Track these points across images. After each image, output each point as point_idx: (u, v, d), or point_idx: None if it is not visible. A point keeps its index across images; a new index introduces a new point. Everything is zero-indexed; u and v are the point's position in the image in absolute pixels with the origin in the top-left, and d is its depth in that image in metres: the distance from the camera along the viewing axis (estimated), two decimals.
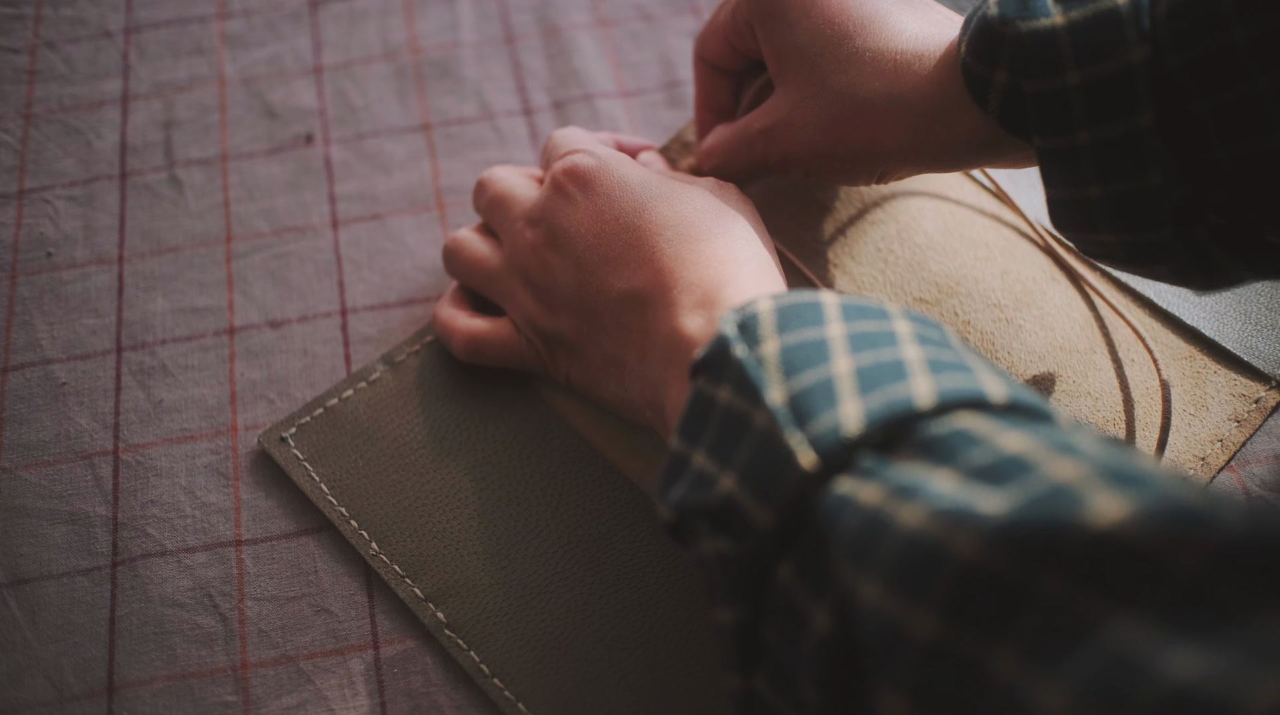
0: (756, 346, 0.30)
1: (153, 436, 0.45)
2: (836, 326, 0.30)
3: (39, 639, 0.40)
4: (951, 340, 0.31)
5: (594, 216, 0.39)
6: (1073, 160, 0.34)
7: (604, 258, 0.38)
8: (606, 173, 0.40)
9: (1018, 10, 0.34)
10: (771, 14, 0.40)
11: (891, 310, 0.31)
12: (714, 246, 0.37)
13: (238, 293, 0.49)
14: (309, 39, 0.57)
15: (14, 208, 0.52)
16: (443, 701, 0.39)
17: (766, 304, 0.31)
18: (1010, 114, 0.35)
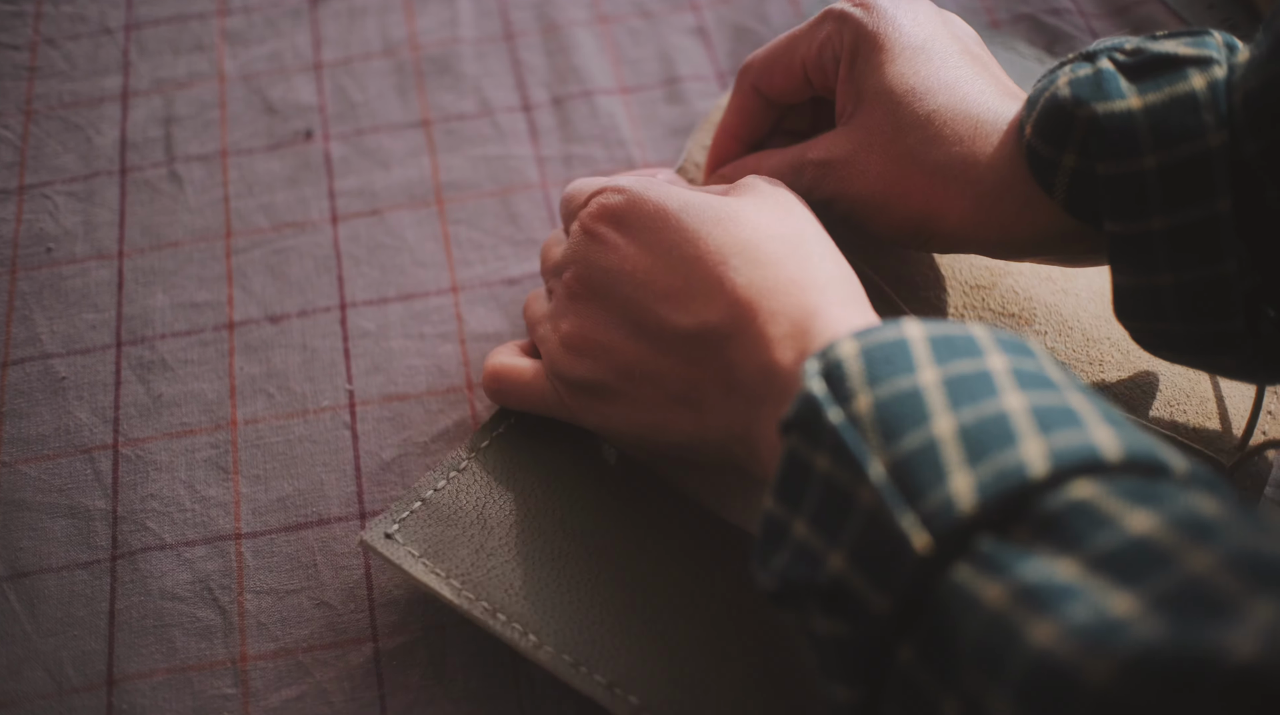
0: (849, 402, 0.28)
1: (152, 431, 0.45)
2: (929, 372, 0.28)
3: (39, 632, 0.40)
4: (1048, 371, 0.28)
5: (639, 253, 0.36)
6: (1145, 246, 0.33)
7: (661, 294, 0.35)
8: (641, 202, 0.37)
9: (1092, 92, 0.33)
10: (862, 52, 0.39)
11: (981, 340, 0.29)
12: (789, 269, 0.34)
13: (237, 288, 0.49)
14: (309, 35, 0.57)
15: (14, 203, 0.52)
16: (441, 695, 0.39)
17: (850, 348, 0.29)
18: (1077, 199, 0.34)
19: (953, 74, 0.38)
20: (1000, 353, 0.28)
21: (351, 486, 0.43)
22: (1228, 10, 0.54)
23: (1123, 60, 0.34)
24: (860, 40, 0.39)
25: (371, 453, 0.44)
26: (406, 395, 0.46)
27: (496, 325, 0.48)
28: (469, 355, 0.47)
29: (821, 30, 0.40)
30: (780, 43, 0.42)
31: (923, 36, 0.39)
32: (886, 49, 0.38)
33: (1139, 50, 0.34)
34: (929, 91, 0.37)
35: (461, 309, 0.48)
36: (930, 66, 0.38)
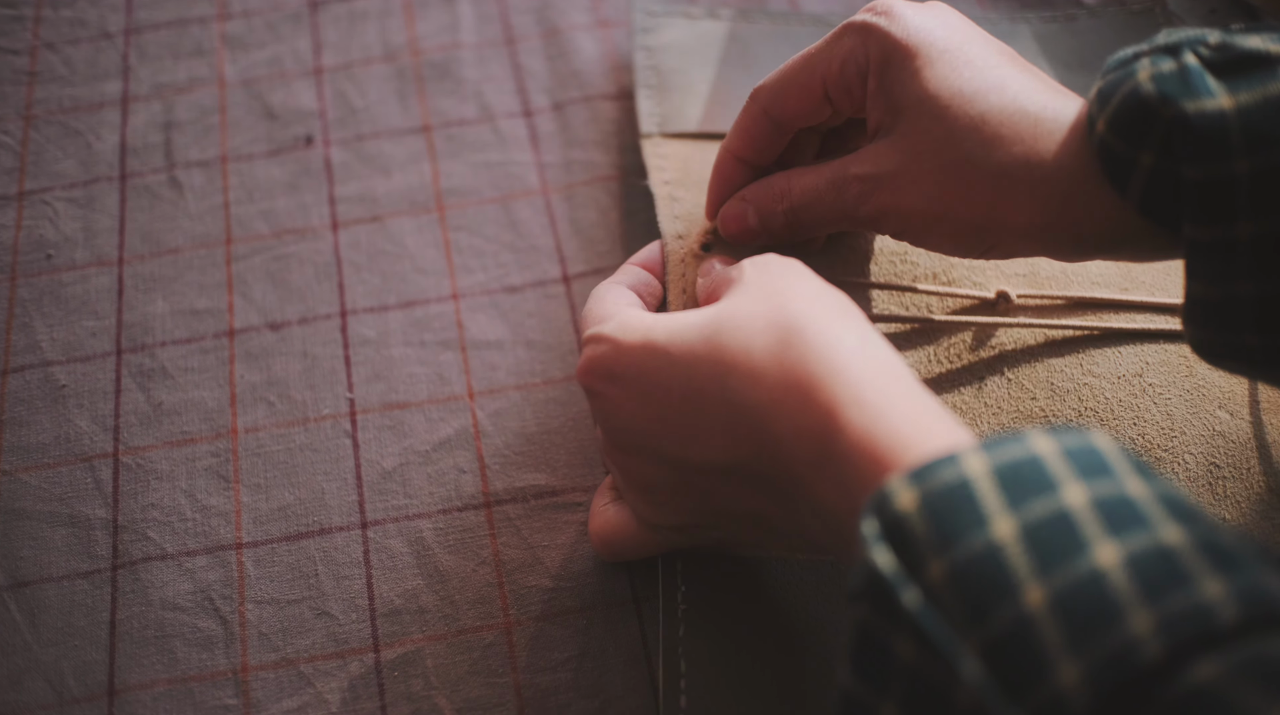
0: (921, 572, 0.25)
1: (153, 439, 0.45)
2: (1003, 523, 0.25)
3: (39, 642, 0.40)
4: (1129, 488, 0.26)
5: (642, 404, 0.34)
6: (1227, 254, 0.31)
7: (681, 438, 0.33)
8: (626, 350, 0.34)
9: (1179, 89, 0.31)
10: (893, 61, 0.37)
11: (1049, 461, 0.26)
12: (793, 370, 0.31)
13: (237, 295, 0.49)
14: (309, 40, 0.57)
15: (14, 209, 0.51)
16: (443, 704, 0.39)
17: (909, 499, 0.26)
18: (1153, 200, 0.33)
19: (997, 74, 0.36)
20: (1075, 481, 0.26)
21: (352, 495, 0.43)
22: (1230, 15, 0.54)
23: (1209, 56, 0.32)
24: (890, 50, 0.37)
25: (372, 461, 0.44)
26: (407, 403, 0.46)
27: (498, 332, 0.47)
28: (470, 363, 0.47)
29: (842, 45, 0.38)
30: (794, 63, 0.39)
31: (957, 39, 0.37)
32: (921, 55, 0.36)
33: (1225, 46, 0.32)
34: (978, 93, 0.35)
35: (462, 316, 0.48)
36: (973, 68, 0.36)
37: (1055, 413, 0.42)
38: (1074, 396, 0.42)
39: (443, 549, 0.42)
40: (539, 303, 0.48)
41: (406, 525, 0.43)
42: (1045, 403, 0.42)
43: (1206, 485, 0.40)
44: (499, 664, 0.39)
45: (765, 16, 0.55)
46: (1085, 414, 0.42)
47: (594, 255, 0.50)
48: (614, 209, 0.51)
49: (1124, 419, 0.41)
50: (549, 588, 0.41)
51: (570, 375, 0.46)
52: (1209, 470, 0.41)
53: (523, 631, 0.40)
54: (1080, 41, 0.55)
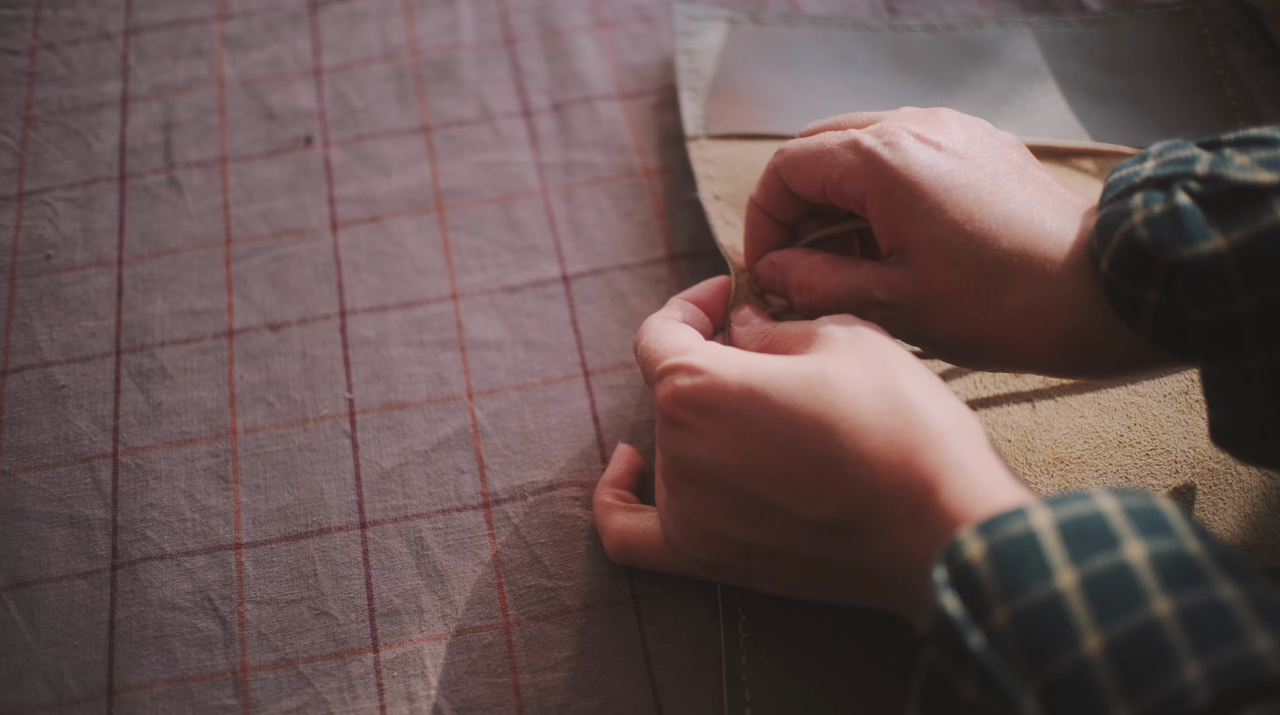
0: (986, 617, 0.26)
1: (152, 439, 0.45)
2: (1066, 574, 0.26)
3: (38, 642, 0.40)
4: (1187, 546, 0.26)
5: (733, 440, 0.33)
6: (1245, 384, 0.31)
7: (769, 482, 0.33)
8: (723, 386, 0.34)
9: (1172, 234, 0.31)
10: (895, 195, 0.36)
11: (1113, 519, 0.27)
12: (895, 431, 0.32)
13: (237, 295, 0.49)
14: (308, 41, 0.57)
15: (13, 210, 0.52)
16: (442, 704, 0.39)
17: (977, 549, 0.27)
18: (1164, 332, 0.33)
19: (1009, 206, 0.35)
20: (1136, 538, 0.26)
21: (352, 495, 0.43)
22: (1230, 15, 0.54)
23: (1198, 192, 0.32)
24: (891, 184, 0.36)
25: (371, 461, 0.44)
26: (406, 403, 0.46)
27: (497, 333, 0.47)
28: (469, 363, 0.47)
29: (845, 158, 0.38)
30: (811, 145, 0.39)
31: (964, 171, 0.36)
32: (930, 196, 0.36)
33: (1214, 177, 0.32)
34: (991, 234, 0.35)
35: (462, 316, 0.48)
36: (983, 205, 0.35)
37: (1105, 429, 0.42)
38: (1121, 413, 0.42)
39: (442, 549, 0.42)
40: (538, 303, 0.48)
41: (405, 525, 0.43)
42: (1095, 420, 0.42)
43: (1262, 495, 0.40)
44: (498, 664, 0.39)
45: (807, 21, 0.55)
46: (1134, 429, 0.42)
47: (593, 256, 0.50)
48: (613, 210, 0.51)
49: (1174, 433, 0.42)
50: (548, 587, 0.41)
51: (570, 375, 0.46)
52: (1262, 481, 0.41)
53: (522, 631, 0.40)
54: (1123, 44, 0.54)
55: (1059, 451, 0.41)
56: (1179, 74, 0.53)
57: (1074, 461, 0.41)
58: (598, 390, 0.46)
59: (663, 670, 0.39)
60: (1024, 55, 0.54)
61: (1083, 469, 0.41)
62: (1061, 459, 0.41)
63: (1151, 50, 0.54)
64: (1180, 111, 0.52)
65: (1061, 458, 0.41)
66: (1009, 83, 0.53)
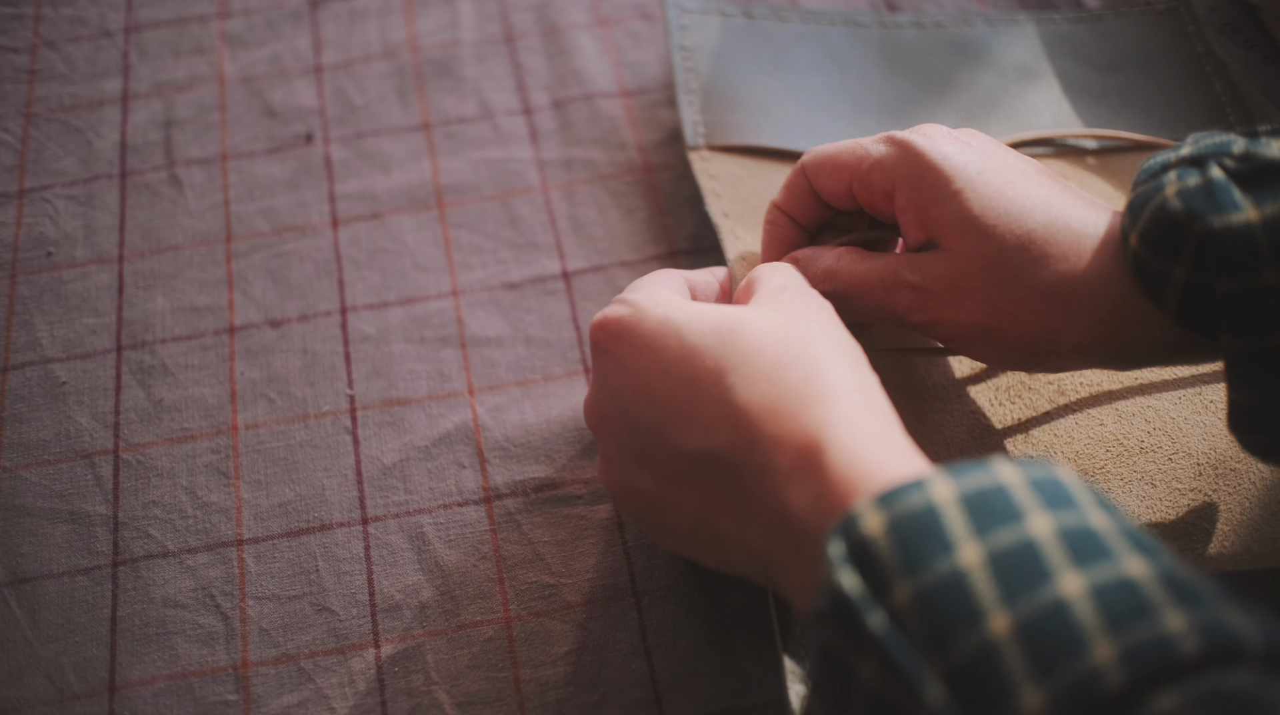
0: (886, 594, 0.25)
1: (153, 436, 0.45)
2: (970, 549, 0.25)
3: (40, 638, 0.40)
4: (1091, 520, 0.26)
5: (640, 370, 0.34)
6: (1267, 362, 0.31)
7: (664, 416, 0.33)
8: (641, 318, 0.35)
9: (1205, 204, 0.31)
10: (926, 179, 0.37)
11: (1016, 491, 0.26)
12: (791, 381, 0.32)
13: (237, 292, 0.49)
14: (309, 38, 0.57)
15: (14, 207, 0.52)
16: (443, 699, 0.39)
17: (876, 523, 0.26)
18: (1190, 312, 0.33)
19: (1039, 191, 0.36)
20: (1041, 511, 0.26)
21: (353, 491, 0.43)
22: (1229, 13, 0.54)
23: (1234, 168, 0.32)
24: (923, 170, 0.37)
25: (372, 457, 0.44)
26: (407, 399, 0.46)
27: (497, 329, 0.47)
28: (470, 359, 0.47)
29: (876, 150, 0.38)
30: (840, 146, 0.40)
31: (995, 161, 0.37)
32: (958, 176, 0.36)
33: (1250, 155, 0.32)
34: (1023, 212, 0.35)
35: (462, 313, 0.48)
36: (1015, 188, 0.36)
37: (1126, 436, 0.42)
38: (1140, 418, 0.42)
39: (443, 544, 0.42)
40: (538, 299, 0.48)
41: (407, 521, 0.43)
42: (1114, 427, 0.42)
43: None
44: (499, 658, 0.40)
45: (797, 14, 0.55)
46: (1155, 433, 0.42)
47: (593, 252, 0.50)
48: (613, 206, 0.51)
49: (1193, 436, 0.42)
50: (549, 583, 0.41)
51: (571, 371, 0.46)
52: None
53: (522, 626, 0.40)
54: (1109, 43, 0.54)
55: (1083, 463, 0.42)
56: (1168, 70, 0.53)
57: (1098, 472, 0.41)
58: None
59: (663, 664, 0.39)
60: (1013, 53, 0.54)
61: (1108, 478, 0.41)
62: (1086, 471, 0.41)
63: (1139, 48, 0.54)
64: (1171, 108, 0.52)
65: (1086, 470, 0.41)
66: (1000, 82, 0.53)
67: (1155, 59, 0.54)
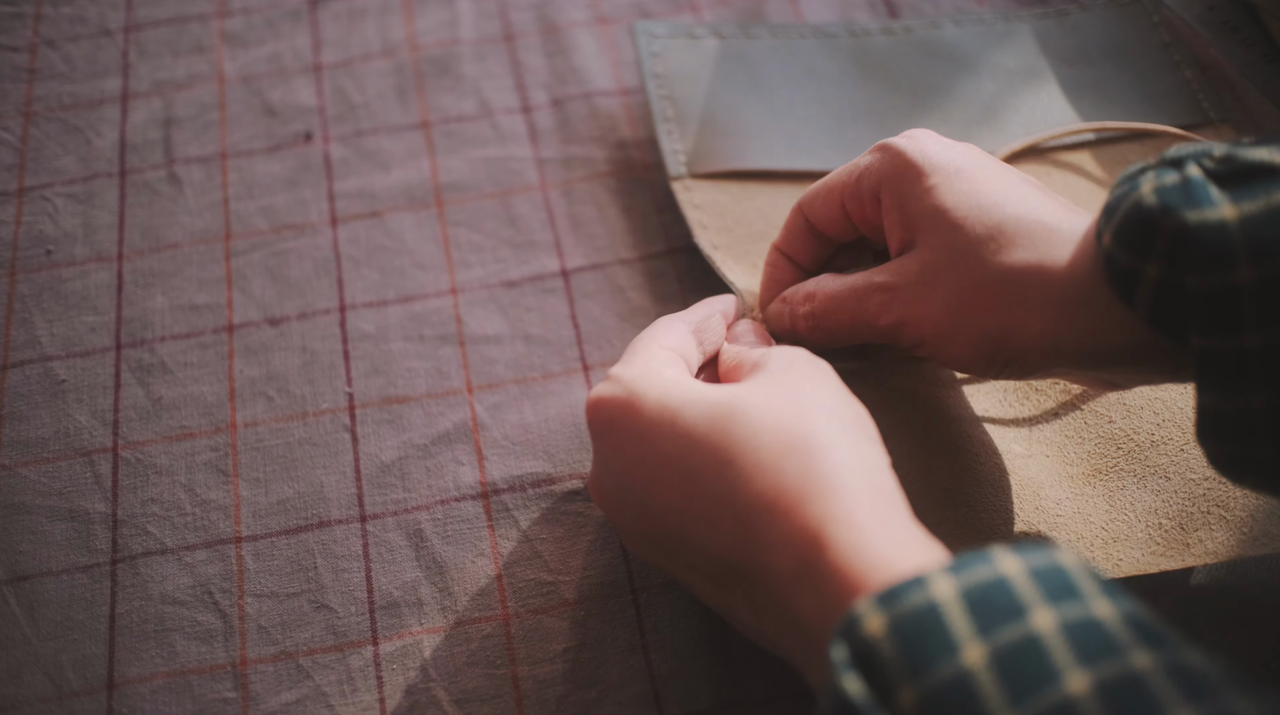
0: (891, 699, 0.25)
1: (152, 433, 0.45)
2: (974, 650, 0.25)
3: (38, 635, 0.40)
4: (1095, 610, 0.25)
5: (638, 460, 0.34)
6: (1237, 365, 0.31)
7: (667, 510, 0.33)
8: (634, 402, 0.34)
9: (1181, 200, 0.31)
10: (906, 177, 0.37)
11: (1018, 584, 0.26)
12: (790, 474, 0.31)
13: (237, 290, 0.49)
14: (308, 37, 0.57)
15: (13, 205, 0.52)
16: (441, 696, 0.39)
17: (878, 624, 0.26)
18: (1161, 313, 0.32)
19: (1014, 189, 0.36)
20: (1044, 605, 0.25)
21: (351, 489, 0.43)
22: (1229, 12, 0.54)
23: (1212, 168, 0.32)
24: (902, 167, 0.37)
25: (371, 455, 0.44)
26: (406, 397, 0.46)
27: (496, 327, 0.47)
28: (469, 357, 0.47)
29: (864, 161, 0.39)
30: (832, 174, 0.41)
31: (972, 160, 0.37)
32: (936, 173, 0.37)
33: (1230, 158, 0.32)
34: (994, 205, 0.36)
35: (461, 311, 0.48)
36: (990, 184, 0.36)
37: (1136, 430, 0.42)
38: (1148, 411, 0.43)
39: (441, 541, 0.42)
40: (538, 298, 0.48)
41: (405, 518, 0.43)
42: (1123, 423, 0.43)
43: None
44: (497, 655, 0.40)
45: (766, 30, 0.55)
46: (1164, 426, 0.42)
47: (592, 250, 0.50)
48: (612, 204, 0.51)
49: None
50: (547, 581, 0.41)
51: (569, 369, 0.46)
52: None
53: (520, 623, 0.40)
54: (1077, 37, 0.55)
55: (1095, 462, 0.42)
56: (1138, 61, 0.54)
57: (1111, 471, 0.41)
58: (597, 384, 0.46)
59: (660, 661, 0.39)
60: (984, 53, 0.55)
61: (1122, 476, 0.41)
62: (1100, 470, 0.41)
63: (1107, 40, 0.55)
64: (1145, 97, 0.53)
65: (1099, 469, 0.42)
66: (974, 82, 0.54)
67: (1124, 50, 0.54)
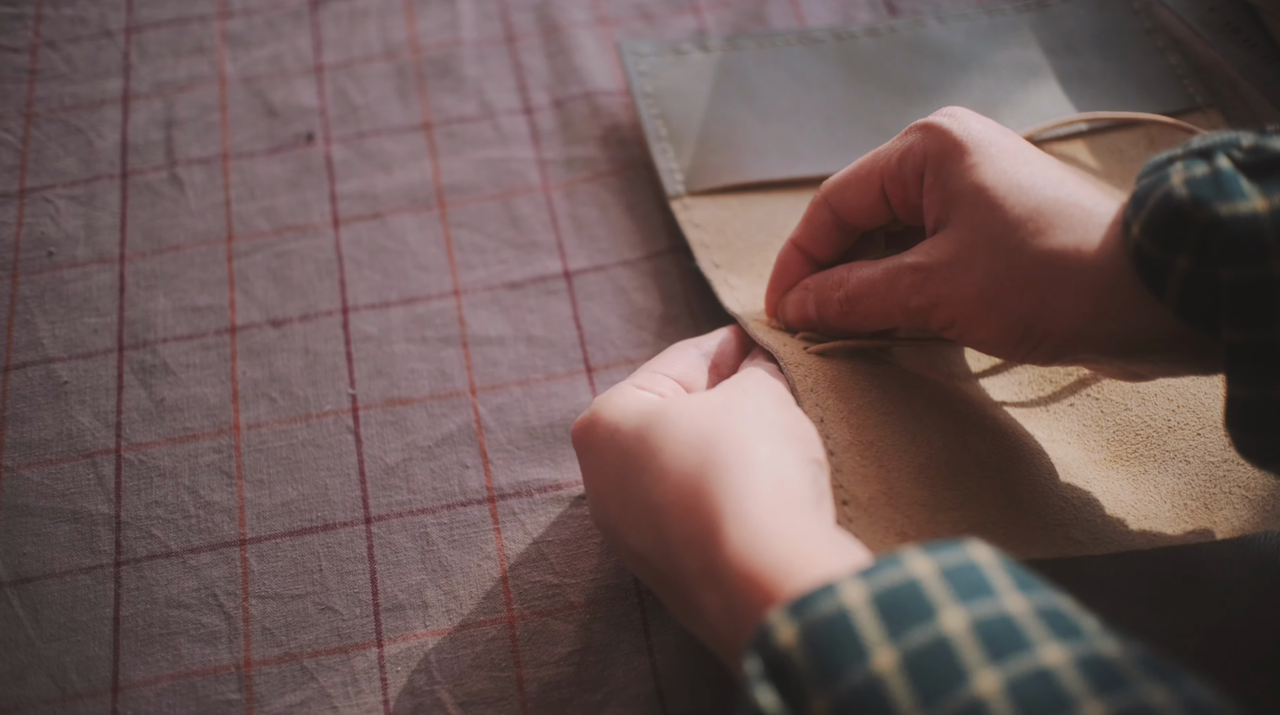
0: (804, 710, 0.25)
1: (155, 435, 0.45)
2: (884, 654, 0.25)
3: (42, 637, 0.40)
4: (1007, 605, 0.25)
5: (592, 473, 0.36)
6: (1270, 357, 0.31)
7: (613, 519, 0.35)
8: (594, 421, 0.36)
9: (1212, 192, 0.31)
10: (951, 155, 0.37)
11: (928, 588, 0.26)
12: (688, 475, 0.31)
13: (239, 291, 0.49)
14: (310, 38, 0.57)
15: (15, 207, 0.52)
16: (446, 698, 0.39)
17: (788, 634, 0.26)
18: (1191, 304, 0.32)
19: (1053, 172, 0.36)
20: (954, 605, 0.26)
21: (355, 491, 0.43)
22: (1229, 13, 0.54)
23: (1241, 159, 0.32)
24: (950, 147, 0.37)
25: (375, 457, 0.44)
26: (409, 399, 0.46)
27: (499, 328, 0.48)
28: (471, 358, 0.47)
29: (904, 142, 0.39)
30: (862, 160, 0.40)
31: (1013, 139, 0.37)
32: (979, 151, 0.36)
33: (1259, 148, 0.32)
34: (1034, 187, 0.35)
35: (464, 312, 0.48)
36: (1031, 166, 0.36)
37: (1152, 417, 0.42)
38: (1163, 397, 0.43)
39: (446, 544, 0.42)
40: (540, 299, 0.48)
41: (410, 520, 0.43)
42: (1139, 411, 0.43)
43: None
44: (502, 658, 0.40)
45: (751, 40, 0.55)
46: (1180, 411, 0.42)
47: (595, 251, 0.50)
48: (615, 205, 0.51)
49: (1216, 408, 0.42)
50: (552, 582, 0.41)
51: (573, 371, 0.46)
52: None
53: (525, 626, 0.40)
54: (1061, 28, 0.56)
55: (1115, 449, 0.42)
56: (1121, 49, 0.54)
57: (1132, 457, 0.42)
58: (600, 386, 0.46)
59: (666, 663, 0.39)
60: (971, 48, 0.55)
61: (1143, 461, 0.41)
62: (1120, 456, 0.42)
63: (1089, 30, 0.55)
64: (1131, 85, 0.53)
65: (1120, 455, 0.42)
66: (964, 77, 0.54)
67: (1107, 39, 0.55)
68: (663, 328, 0.48)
